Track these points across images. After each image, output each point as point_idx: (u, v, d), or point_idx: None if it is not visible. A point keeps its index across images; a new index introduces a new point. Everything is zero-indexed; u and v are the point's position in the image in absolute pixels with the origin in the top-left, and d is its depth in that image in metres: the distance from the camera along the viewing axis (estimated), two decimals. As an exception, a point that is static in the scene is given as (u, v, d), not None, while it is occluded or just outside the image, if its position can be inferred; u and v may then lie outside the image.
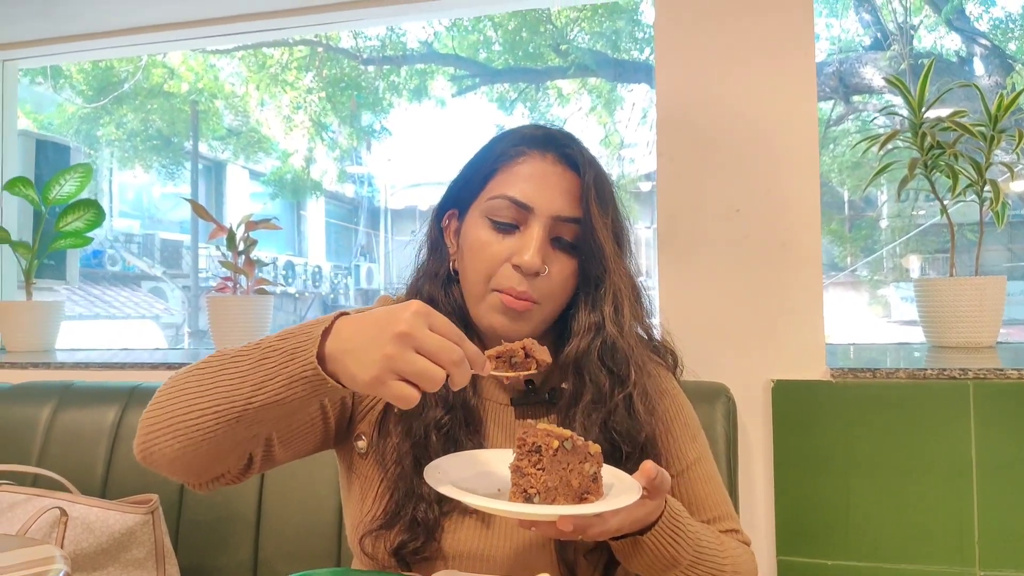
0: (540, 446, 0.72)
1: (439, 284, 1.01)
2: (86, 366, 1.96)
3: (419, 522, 0.91)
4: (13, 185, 2.32)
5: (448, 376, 0.69)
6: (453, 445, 0.92)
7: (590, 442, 0.75)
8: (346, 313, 0.75)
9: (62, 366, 1.99)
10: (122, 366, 1.95)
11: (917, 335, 1.81)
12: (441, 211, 1.04)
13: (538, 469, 0.72)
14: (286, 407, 0.74)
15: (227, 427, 0.76)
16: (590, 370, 0.94)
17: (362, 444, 0.98)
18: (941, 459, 1.43)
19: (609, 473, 0.80)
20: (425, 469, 0.78)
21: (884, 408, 1.46)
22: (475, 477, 0.81)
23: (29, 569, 0.93)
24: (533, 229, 0.93)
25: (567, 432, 0.74)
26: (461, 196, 1.01)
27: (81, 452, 1.61)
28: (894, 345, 2.00)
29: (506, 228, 0.94)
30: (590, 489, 0.74)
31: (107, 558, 1.38)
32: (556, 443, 0.72)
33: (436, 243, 1.04)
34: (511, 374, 0.78)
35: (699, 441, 1.03)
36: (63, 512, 1.36)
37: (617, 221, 0.99)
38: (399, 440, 0.94)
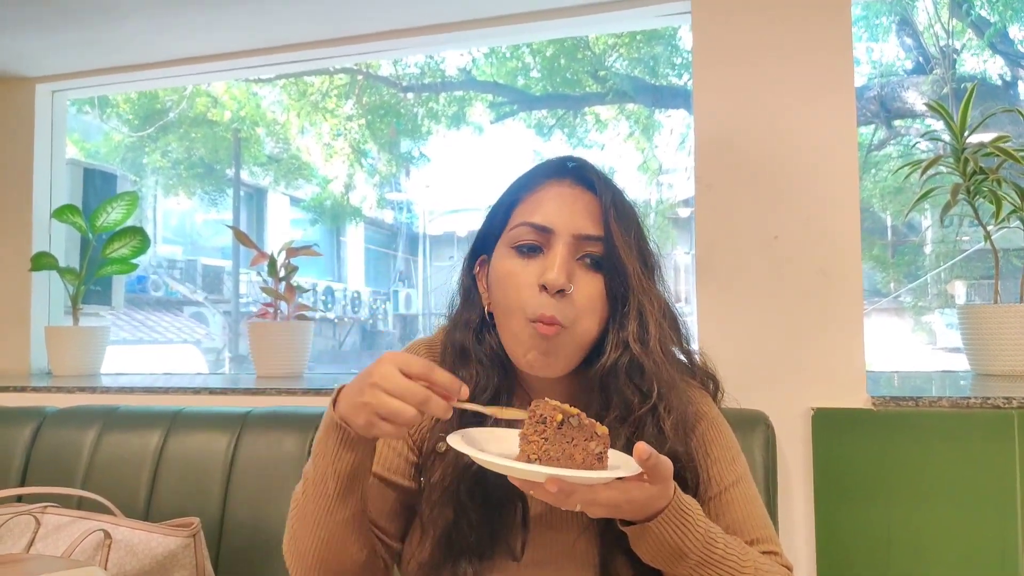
0: (546, 418, 0.77)
1: (471, 333, 1.01)
2: (130, 391, 2.00)
3: (460, 574, 0.94)
4: (61, 213, 2.39)
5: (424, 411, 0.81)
6: (493, 495, 0.94)
7: (598, 423, 0.78)
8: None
9: (107, 390, 2.03)
10: (165, 391, 1.99)
11: (962, 363, 1.78)
12: (472, 259, 1.06)
13: (542, 438, 0.77)
14: (352, 471, 0.88)
15: (332, 525, 0.90)
16: (617, 388, 0.94)
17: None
18: (985, 488, 1.39)
19: (619, 458, 0.82)
20: (449, 437, 0.82)
21: (927, 437, 1.44)
22: (496, 449, 0.84)
23: (74, 590, 0.95)
24: (556, 249, 0.93)
25: (575, 410, 0.77)
26: (488, 239, 1.03)
27: (125, 475, 1.64)
28: (938, 373, 1.96)
29: (530, 252, 0.95)
30: (593, 466, 0.77)
31: (148, 581, 1.39)
32: (560, 417, 0.77)
33: (468, 292, 1.05)
34: (485, 409, 0.85)
35: (738, 464, 1.02)
36: (107, 535, 1.38)
37: (642, 242, 0.99)
38: (440, 482, 0.97)
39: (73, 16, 2.04)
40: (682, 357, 1.05)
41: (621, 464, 0.80)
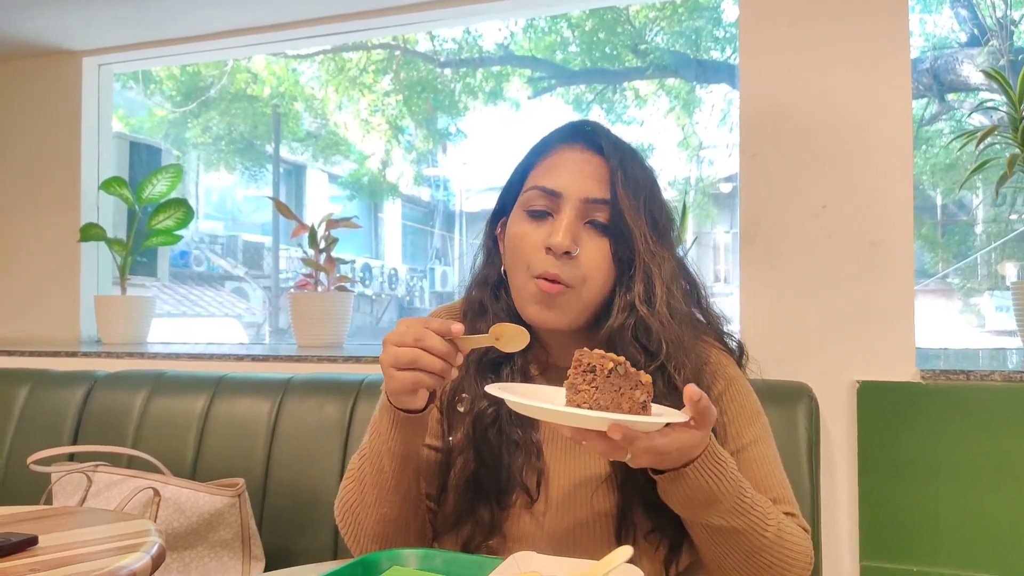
0: (595, 366, 0.76)
1: (489, 290, 1.06)
2: (176, 357, 2.04)
3: (480, 520, 0.98)
4: (109, 185, 2.43)
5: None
6: (507, 439, 0.98)
7: (641, 371, 0.77)
8: None
9: (155, 356, 2.07)
10: (210, 357, 2.02)
11: (1013, 344, 1.73)
12: (494, 220, 1.10)
13: (592, 387, 0.76)
14: (405, 449, 0.92)
15: (390, 500, 0.95)
16: (624, 348, 0.96)
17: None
18: (1039, 466, 1.36)
19: (657, 407, 0.82)
20: (488, 387, 0.84)
21: (977, 412, 1.41)
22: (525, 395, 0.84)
23: (126, 541, 0.97)
24: (564, 213, 0.97)
25: (620, 358, 0.77)
26: (507, 201, 1.07)
27: (172, 437, 1.68)
28: (988, 350, 1.91)
29: (540, 215, 0.99)
30: (639, 415, 0.76)
31: (196, 538, 1.43)
32: (611, 364, 0.76)
33: (490, 251, 1.10)
34: (482, 338, 0.86)
35: (757, 425, 1.03)
36: (156, 492, 1.41)
37: (653, 205, 1.00)
38: (462, 437, 1.01)
39: (119, -12, 2.07)
40: (701, 318, 1.06)
41: (663, 413, 0.80)
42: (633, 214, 0.97)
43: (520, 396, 0.83)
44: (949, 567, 1.40)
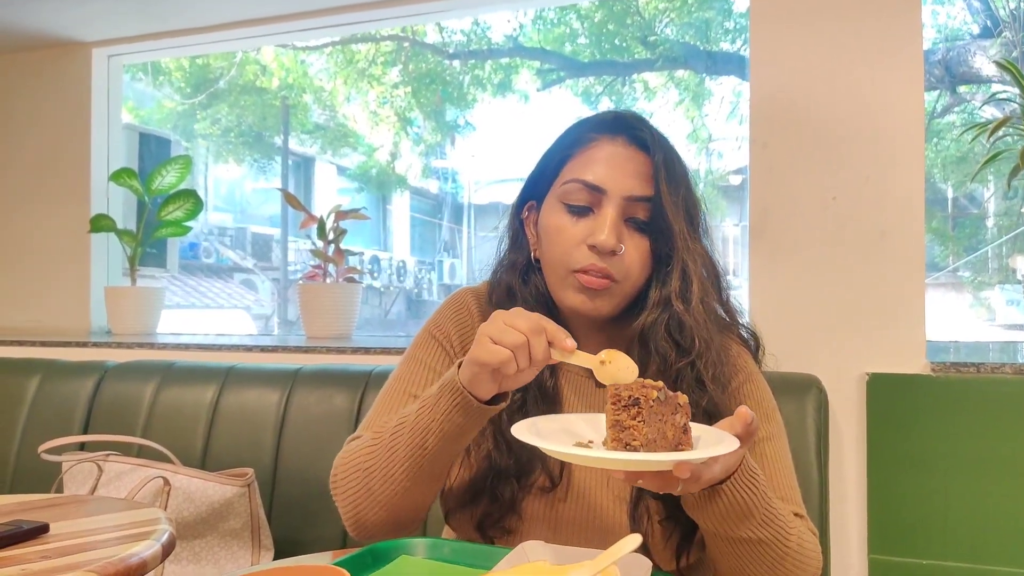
0: (638, 398, 0.72)
1: (517, 274, 1.05)
2: (186, 347, 2.05)
3: (499, 497, 0.97)
4: (118, 176, 2.43)
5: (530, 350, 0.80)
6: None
7: (679, 392, 0.75)
8: None
9: (164, 347, 2.08)
10: (219, 348, 2.03)
11: (1023, 339, 1.72)
12: (520, 203, 1.09)
13: (638, 421, 0.72)
14: (458, 434, 0.87)
15: (416, 477, 0.90)
16: (656, 342, 0.96)
17: None
18: (1051, 459, 1.35)
19: (695, 427, 0.79)
20: (514, 427, 0.79)
21: (987, 405, 1.40)
22: (556, 433, 0.81)
23: (136, 529, 0.98)
24: (606, 210, 0.95)
25: (659, 383, 0.73)
26: (538, 186, 1.05)
27: (182, 427, 1.69)
28: (999, 343, 1.90)
29: (580, 211, 0.97)
30: (682, 440, 0.74)
31: (206, 527, 1.44)
32: (655, 393, 0.72)
33: (516, 235, 1.08)
34: (582, 357, 0.81)
35: (772, 422, 1.02)
36: (166, 482, 1.42)
37: (690, 201, 1.00)
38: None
39: (128, -22, 2.07)
40: (722, 312, 1.05)
41: (700, 433, 0.78)
42: (673, 211, 0.96)
43: (551, 432, 0.80)
44: (958, 560, 1.40)
